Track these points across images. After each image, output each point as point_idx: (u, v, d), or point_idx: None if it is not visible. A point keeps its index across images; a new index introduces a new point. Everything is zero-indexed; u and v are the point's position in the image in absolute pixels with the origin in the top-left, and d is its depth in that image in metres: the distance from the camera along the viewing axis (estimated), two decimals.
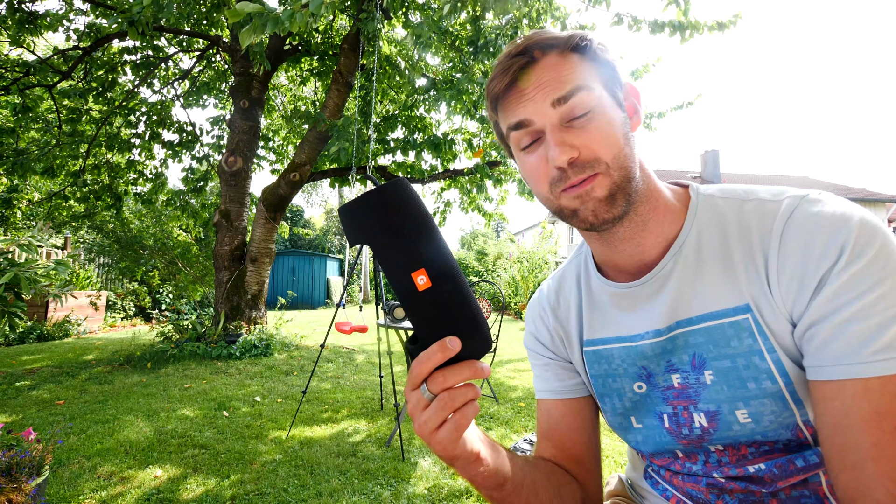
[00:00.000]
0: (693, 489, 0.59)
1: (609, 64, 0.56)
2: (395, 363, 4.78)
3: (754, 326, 0.51)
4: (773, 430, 0.52)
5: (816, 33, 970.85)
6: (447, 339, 0.40)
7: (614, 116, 0.54)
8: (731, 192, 0.58)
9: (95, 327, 7.34)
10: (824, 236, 0.46)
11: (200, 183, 7.07)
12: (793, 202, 0.51)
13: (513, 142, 0.57)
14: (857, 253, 0.44)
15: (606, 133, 0.52)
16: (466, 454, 0.47)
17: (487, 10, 4.24)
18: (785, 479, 0.52)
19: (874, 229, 0.45)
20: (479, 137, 6.38)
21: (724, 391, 0.53)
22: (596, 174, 0.52)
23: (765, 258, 0.51)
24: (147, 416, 2.92)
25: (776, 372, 0.50)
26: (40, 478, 1.55)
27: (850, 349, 0.44)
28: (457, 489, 2.01)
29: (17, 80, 5.27)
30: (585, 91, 0.52)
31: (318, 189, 29.56)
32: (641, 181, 0.56)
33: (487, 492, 0.54)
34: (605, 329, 0.65)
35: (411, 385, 0.43)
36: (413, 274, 0.40)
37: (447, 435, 0.43)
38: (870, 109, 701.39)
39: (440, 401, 0.42)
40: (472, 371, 0.41)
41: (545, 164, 0.54)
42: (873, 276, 0.43)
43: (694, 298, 0.55)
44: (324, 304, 14.58)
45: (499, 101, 0.57)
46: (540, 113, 0.53)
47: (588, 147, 0.52)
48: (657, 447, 0.62)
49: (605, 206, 0.53)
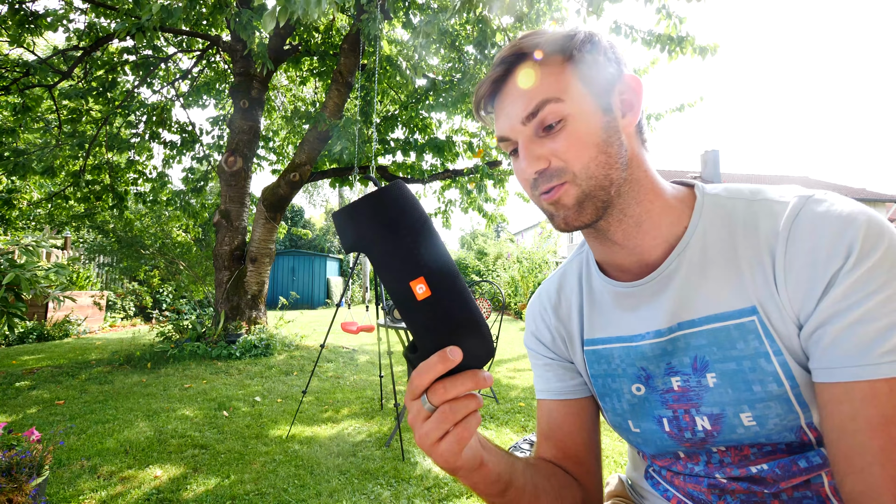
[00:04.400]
0: (694, 489, 0.59)
1: (596, 62, 0.54)
2: (395, 363, 4.78)
3: (760, 329, 0.50)
4: (777, 433, 0.51)
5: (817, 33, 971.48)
6: (448, 350, 0.39)
7: (591, 123, 0.53)
8: (737, 192, 0.57)
9: (95, 327, 7.34)
10: (831, 236, 0.46)
11: (200, 183, 7.07)
12: (799, 202, 0.50)
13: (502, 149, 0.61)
14: (865, 253, 0.44)
15: (578, 142, 0.52)
16: (469, 464, 0.46)
17: (491, 11, 4.25)
18: (788, 479, 0.52)
19: (881, 229, 0.45)
20: (479, 138, 6.38)
21: (728, 394, 0.53)
22: (563, 183, 0.53)
23: (772, 259, 0.50)
24: (147, 416, 2.92)
25: (782, 374, 0.49)
26: (41, 478, 1.55)
27: (859, 351, 0.43)
28: (457, 489, 2.01)
29: (17, 80, 5.27)
30: (554, 103, 0.52)
31: (318, 189, 29.56)
32: (628, 183, 0.55)
33: (490, 499, 0.53)
34: (606, 329, 0.64)
35: (411, 395, 0.42)
36: (412, 283, 0.38)
37: (448, 448, 0.41)
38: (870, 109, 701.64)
39: (441, 413, 0.40)
40: (473, 381, 0.40)
41: (523, 173, 0.57)
42: (881, 277, 0.43)
43: (697, 299, 0.54)
44: (324, 305, 14.58)
45: (484, 112, 0.61)
46: (513, 129, 0.56)
47: (557, 157, 0.53)
48: (658, 449, 0.62)
49: (574, 214, 0.54)
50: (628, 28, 4.47)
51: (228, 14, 3.88)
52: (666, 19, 4.20)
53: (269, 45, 5.53)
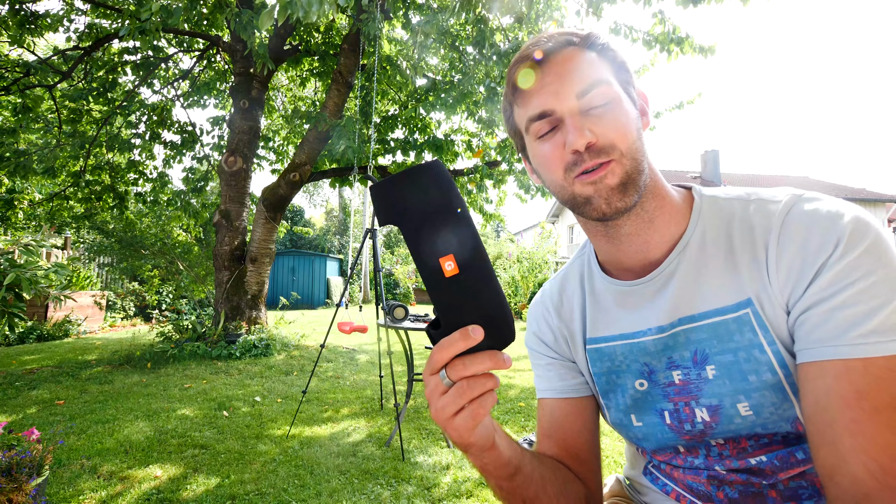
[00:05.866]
0: (693, 481, 0.60)
1: (623, 65, 0.59)
2: (395, 363, 4.78)
3: (754, 320, 0.53)
4: (773, 423, 0.53)
5: (817, 33, 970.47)
6: (470, 328, 0.40)
7: (630, 111, 0.56)
8: (733, 194, 0.60)
9: (95, 327, 7.34)
10: (821, 230, 0.49)
11: (201, 183, 7.07)
12: (791, 199, 0.54)
13: (532, 131, 0.59)
14: (851, 245, 0.47)
15: (623, 123, 0.55)
16: (481, 442, 0.47)
17: (491, 11, 4.26)
18: (786, 470, 0.53)
19: (867, 225, 0.48)
20: (479, 138, 6.38)
21: (726, 385, 0.55)
22: (610, 160, 0.54)
23: (765, 251, 0.53)
24: (147, 416, 2.92)
25: (776, 364, 0.52)
26: (41, 478, 1.55)
27: (836, 333, 0.45)
28: (457, 490, 2.01)
29: (17, 80, 5.27)
30: (605, 85, 0.55)
31: (318, 189, 29.57)
32: (649, 177, 0.58)
33: (497, 481, 0.55)
34: (608, 327, 0.66)
35: (430, 370, 0.43)
36: (441, 259, 0.40)
37: (463, 423, 0.43)
38: (870, 109, 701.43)
39: (458, 388, 0.42)
40: (493, 362, 0.41)
41: (561, 149, 0.56)
42: (864, 266, 0.46)
43: (697, 296, 0.57)
44: (324, 304, 14.58)
45: (517, 90, 0.59)
46: (562, 103, 0.55)
47: (605, 134, 0.54)
48: (659, 444, 0.63)
49: (618, 195, 0.55)
50: (627, 29, 4.50)
51: (229, 14, 3.88)
52: (660, 24, 4.24)
53: (270, 45, 5.54)
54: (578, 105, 0.55)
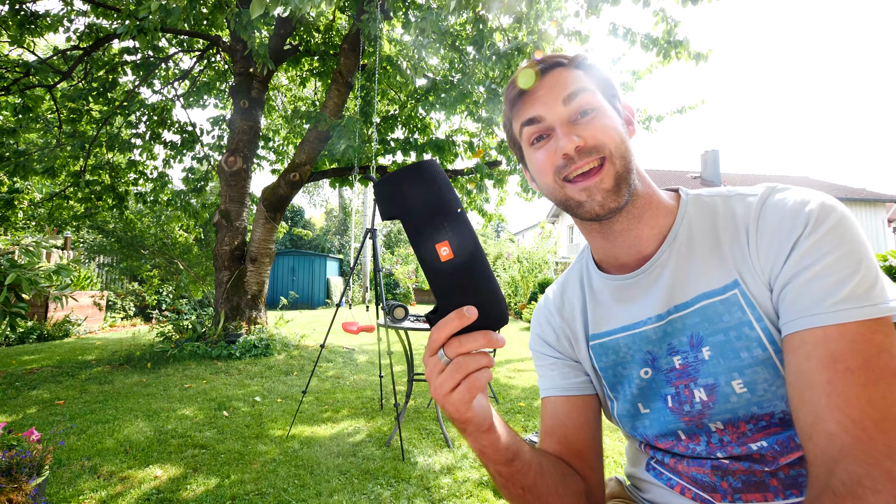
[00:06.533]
0: (697, 472, 0.61)
1: (607, 80, 0.66)
2: (395, 363, 4.78)
3: (742, 299, 0.57)
4: (768, 401, 0.56)
5: (817, 33, 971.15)
6: (465, 308, 0.43)
7: (615, 117, 0.62)
8: (716, 191, 0.66)
9: (95, 327, 7.35)
10: (793, 213, 0.54)
11: (201, 183, 7.07)
12: (767, 191, 0.59)
13: (525, 137, 0.65)
14: (818, 225, 0.52)
15: (609, 125, 0.61)
16: (479, 419, 0.50)
17: (490, 11, 4.26)
18: (786, 455, 0.55)
19: (832, 208, 0.53)
20: (479, 138, 6.38)
21: (720, 364, 0.58)
22: (602, 163, 0.60)
23: (746, 235, 0.58)
24: (147, 416, 2.93)
25: (765, 339, 0.55)
26: (40, 478, 1.55)
27: (813, 303, 0.50)
28: (457, 490, 2.01)
29: (17, 80, 5.27)
30: (589, 93, 0.61)
31: (318, 189, 29.57)
32: (637, 178, 0.63)
33: (496, 466, 0.56)
34: (609, 322, 0.69)
35: (429, 351, 0.46)
36: (437, 245, 0.43)
37: (460, 397, 0.46)
38: (870, 109, 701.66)
39: (455, 364, 0.45)
40: (486, 339, 0.44)
41: (553, 155, 0.62)
42: (831, 241, 0.51)
43: (688, 283, 0.61)
44: (324, 304, 14.57)
45: (514, 103, 0.66)
46: (551, 109, 0.62)
47: (593, 136, 0.60)
48: (661, 429, 0.64)
49: (612, 196, 0.60)
50: (625, 30, 4.51)
51: (228, 14, 3.88)
52: (662, 22, 4.26)
53: (270, 45, 5.53)
54: (566, 111, 0.61)
